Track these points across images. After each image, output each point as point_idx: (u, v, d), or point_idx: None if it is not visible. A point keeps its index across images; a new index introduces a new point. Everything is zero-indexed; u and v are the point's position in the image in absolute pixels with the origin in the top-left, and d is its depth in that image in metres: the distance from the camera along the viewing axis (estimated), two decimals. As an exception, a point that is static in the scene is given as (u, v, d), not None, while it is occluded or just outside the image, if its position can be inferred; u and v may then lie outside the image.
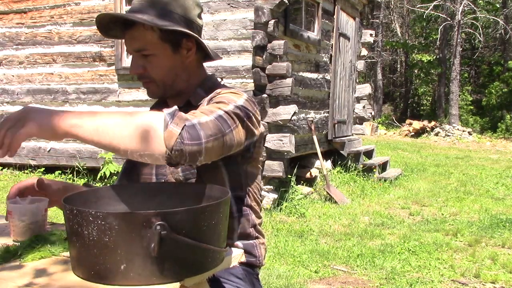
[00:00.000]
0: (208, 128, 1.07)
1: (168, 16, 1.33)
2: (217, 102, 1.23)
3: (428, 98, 27.22)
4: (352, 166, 7.35)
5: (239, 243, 1.40)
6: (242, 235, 1.41)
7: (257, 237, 1.46)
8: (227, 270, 1.33)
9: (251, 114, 1.25)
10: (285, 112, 5.59)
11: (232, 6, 5.51)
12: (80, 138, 1.04)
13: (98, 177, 6.04)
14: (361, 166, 7.40)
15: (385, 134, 17.55)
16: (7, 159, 6.95)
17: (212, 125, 1.09)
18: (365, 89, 8.94)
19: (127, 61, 6.23)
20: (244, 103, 1.25)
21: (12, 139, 1.01)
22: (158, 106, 1.52)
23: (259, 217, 1.48)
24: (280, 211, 5.34)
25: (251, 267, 1.44)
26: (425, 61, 24.23)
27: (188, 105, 1.38)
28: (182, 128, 1.02)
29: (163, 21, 1.32)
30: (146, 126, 1.03)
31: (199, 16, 1.42)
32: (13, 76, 6.93)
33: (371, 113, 9.25)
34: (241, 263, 1.38)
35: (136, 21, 1.31)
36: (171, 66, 1.38)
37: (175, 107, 1.08)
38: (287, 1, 5.48)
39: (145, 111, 1.11)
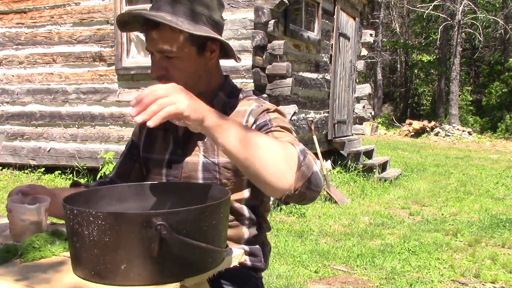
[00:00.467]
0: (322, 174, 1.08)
1: (196, 17, 1.28)
2: (282, 127, 1.24)
3: (428, 98, 27.23)
4: (352, 166, 7.35)
5: (246, 247, 1.41)
6: (250, 241, 1.42)
7: (264, 243, 1.47)
8: (232, 273, 1.34)
9: None
10: (285, 112, 5.60)
11: (232, 6, 5.51)
12: (218, 141, 1.02)
13: (98, 177, 6.04)
14: (361, 166, 7.40)
15: (385, 134, 17.55)
16: (6, 159, 6.95)
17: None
18: (365, 89, 8.94)
19: (127, 61, 6.23)
20: (290, 125, 1.31)
21: (159, 109, 0.96)
22: None
23: (268, 226, 1.49)
24: (280, 211, 5.34)
25: (255, 270, 1.45)
26: (425, 61, 24.23)
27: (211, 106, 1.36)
28: (312, 174, 1.05)
29: (192, 23, 1.27)
30: (283, 159, 1.03)
31: (221, 16, 1.39)
32: (13, 76, 6.93)
33: (371, 113, 9.25)
34: (246, 267, 1.39)
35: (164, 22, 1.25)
36: (195, 68, 1.33)
37: (302, 145, 1.08)
38: (287, 1, 5.48)
39: (285, 143, 1.09)
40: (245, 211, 1.39)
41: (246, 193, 1.38)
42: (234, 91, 1.43)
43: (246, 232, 1.40)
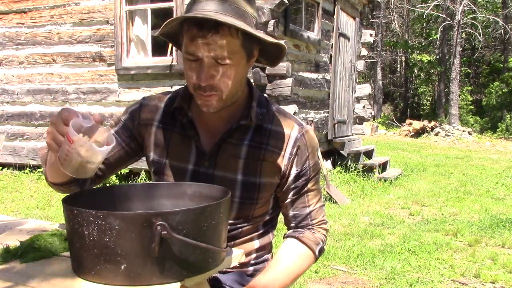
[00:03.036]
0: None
1: (247, 18, 1.20)
2: (316, 180, 1.39)
3: (428, 98, 27.24)
4: (352, 166, 7.35)
5: (253, 261, 1.42)
6: (258, 250, 1.42)
7: (269, 251, 1.48)
8: (234, 278, 1.34)
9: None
10: (285, 112, 5.59)
11: (232, 6, 5.51)
12: None
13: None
14: (361, 166, 7.40)
15: (385, 134, 17.55)
16: (6, 159, 6.94)
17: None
18: (365, 89, 8.94)
19: (127, 61, 6.22)
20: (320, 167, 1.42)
21: None
22: (167, 118, 1.35)
23: (274, 234, 1.50)
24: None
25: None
26: (425, 61, 24.24)
27: (247, 118, 1.29)
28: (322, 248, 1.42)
29: (248, 26, 1.18)
30: (304, 272, 1.38)
31: None
32: (13, 76, 6.93)
33: (371, 113, 9.25)
34: (248, 275, 1.39)
35: (225, 24, 1.13)
36: (242, 76, 1.24)
37: (321, 244, 1.41)
38: (287, 1, 5.48)
39: (307, 259, 1.37)
40: (261, 225, 1.40)
41: (270, 210, 1.39)
42: (261, 98, 1.36)
43: (256, 243, 1.41)
